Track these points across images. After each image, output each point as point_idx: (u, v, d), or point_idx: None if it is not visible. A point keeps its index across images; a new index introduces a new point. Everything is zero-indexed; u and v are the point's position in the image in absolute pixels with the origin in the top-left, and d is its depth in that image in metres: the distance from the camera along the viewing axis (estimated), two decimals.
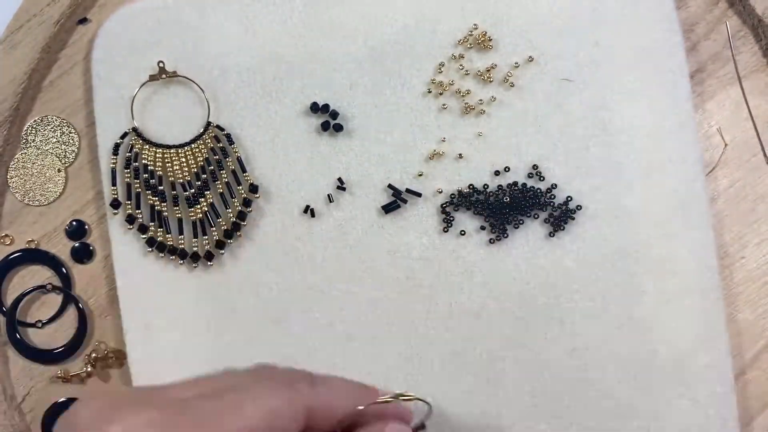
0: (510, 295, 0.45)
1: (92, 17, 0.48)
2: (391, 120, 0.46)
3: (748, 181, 0.46)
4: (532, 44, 0.45)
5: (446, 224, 0.45)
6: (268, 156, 0.46)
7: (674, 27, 0.45)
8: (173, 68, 0.46)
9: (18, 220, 0.47)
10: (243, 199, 0.45)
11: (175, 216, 0.46)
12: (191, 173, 0.45)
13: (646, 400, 0.44)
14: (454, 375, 0.45)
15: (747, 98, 0.46)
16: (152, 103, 0.46)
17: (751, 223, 0.46)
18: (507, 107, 0.45)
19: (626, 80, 0.45)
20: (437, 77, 0.46)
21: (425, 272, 0.45)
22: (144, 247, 0.45)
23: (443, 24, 0.46)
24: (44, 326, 0.47)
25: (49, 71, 0.48)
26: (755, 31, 0.47)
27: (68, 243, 0.47)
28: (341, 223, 0.46)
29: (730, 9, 0.47)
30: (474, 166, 0.45)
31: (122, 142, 0.46)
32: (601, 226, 0.45)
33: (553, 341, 0.44)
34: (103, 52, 0.46)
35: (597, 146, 0.45)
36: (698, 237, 0.44)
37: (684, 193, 0.44)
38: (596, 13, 0.45)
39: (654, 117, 0.45)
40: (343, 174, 0.46)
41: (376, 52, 0.46)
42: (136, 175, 0.45)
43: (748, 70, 0.47)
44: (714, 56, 0.47)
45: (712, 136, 0.47)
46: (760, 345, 0.46)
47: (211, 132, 0.46)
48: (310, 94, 0.46)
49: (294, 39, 0.46)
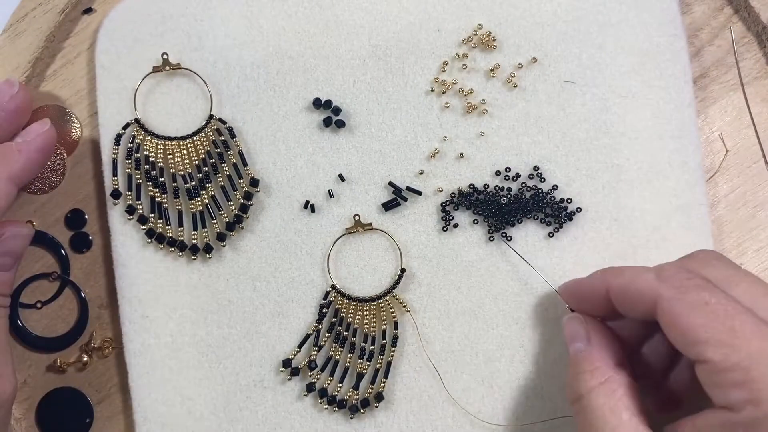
0: (507, 295, 0.45)
1: (97, 7, 0.48)
2: (394, 117, 0.46)
3: (748, 187, 0.46)
4: (536, 46, 0.45)
5: (445, 223, 0.45)
6: (270, 150, 0.46)
7: (678, 32, 0.45)
8: (177, 60, 0.46)
9: (18, 210, 0.47)
10: (244, 193, 0.45)
11: (176, 208, 0.46)
12: (192, 165, 0.45)
13: None
14: (450, 374, 0.45)
15: (749, 105, 0.47)
16: (155, 95, 0.46)
17: (750, 230, 0.46)
18: (509, 108, 0.45)
19: (629, 84, 0.45)
20: (440, 76, 0.46)
21: (423, 270, 0.45)
22: (143, 238, 0.46)
23: (448, 23, 0.46)
24: (43, 307, 0.47)
25: (53, 60, 0.48)
26: (759, 38, 0.47)
27: (68, 232, 0.47)
28: (341, 218, 0.46)
29: (734, 15, 0.47)
30: (475, 165, 0.45)
31: (124, 132, 0.46)
32: (600, 229, 0.45)
33: (550, 342, 0.45)
34: (107, 43, 0.46)
35: (598, 149, 0.45)
36: (697, 242, 0.44)
37: (684, 198, 0.45)
38: (601, 17, 0.45)
39: (656, 121, 0.45)
40: (344, 170, 0.46)
41: (380, 50, 0.46)
42: (137, 166, 0.46)
43: (751, 77, 0.47)
44: (717, 62, 0.47)
45: (713, 142, 0.47)
46: None
47: (213, 125, 0.46)
48: (313, 89, 0.46)
49: (298, 34, 0.46)
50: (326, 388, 0.45)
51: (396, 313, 0.45)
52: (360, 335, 0.45)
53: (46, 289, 0.47)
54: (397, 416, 0.45)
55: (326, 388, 0.45)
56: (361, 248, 0.46)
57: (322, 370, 0.45)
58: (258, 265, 0.46)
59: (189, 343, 0.45)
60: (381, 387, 0.44)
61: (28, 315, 0.47)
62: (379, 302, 0.45)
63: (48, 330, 0.47)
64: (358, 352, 0.45)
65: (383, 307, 0.45)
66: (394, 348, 0.44)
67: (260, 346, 0.45)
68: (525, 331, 0.45)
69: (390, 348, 0.44)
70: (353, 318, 0.45)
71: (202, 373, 0.45)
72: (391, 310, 0.45)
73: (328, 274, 0.45)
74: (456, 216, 0.45)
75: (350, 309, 0.45)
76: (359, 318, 0.45)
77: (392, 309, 0.45)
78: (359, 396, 0.44)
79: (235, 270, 0.46)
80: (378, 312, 0.45)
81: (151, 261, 0.46)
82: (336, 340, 0.45)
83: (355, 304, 0.45)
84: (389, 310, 0.45)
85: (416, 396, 0.45)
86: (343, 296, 0.45)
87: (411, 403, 0.45)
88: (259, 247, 0.46)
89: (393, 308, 0.45)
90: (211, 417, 0.45)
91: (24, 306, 0.47)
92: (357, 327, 0.45)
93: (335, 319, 0.45)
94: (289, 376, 0.44)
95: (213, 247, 0.45)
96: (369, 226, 0.45)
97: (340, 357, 0.45)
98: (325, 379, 0.45)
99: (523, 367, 0.45)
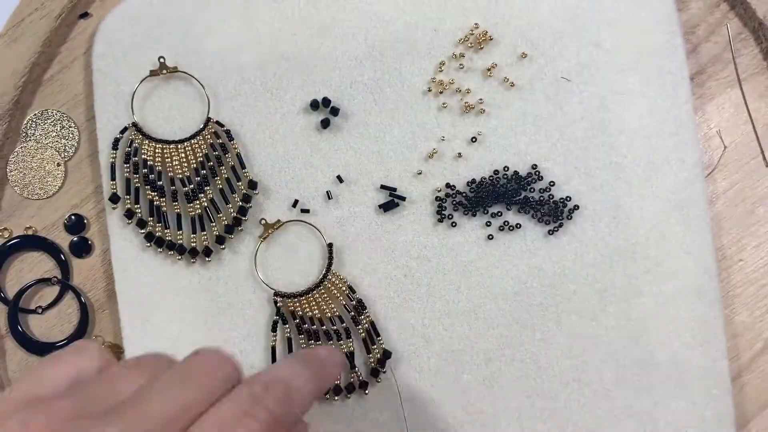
0: (507, 295, 0.45)
1: (93, 12, 0.48)
2: (391, 118, 0.46)
3: (747, 183, 0.46)
4: (533, 44, 0.45)
5: (439, 219, 0.45)
6: (268, 152, 0.46)
7: (675, 29, 0.45)
8: (174, 64, 0.46)
9: (17, 214, 0.47)
10: (243, 195, 0.45)
11: (174, 211, 0.46)
12: (190, 169, 0.45)
13: (642, 401, 0.44)
14: (451, 374, 0.45)
15: (747, 101, 0.46)
16: (152, 99, 0.46)
17: (749, 226, 0.46)
18: (507, 107, 0.45)
19: (626, 81, 0.45)
20: (437, 76, 0.46)
21: (423, 271, 0.45)
22: (143, 241, 0.46)
23: (444, 23, 0.46)
24: (44, 312, 0.47)
25: (50, 65, 0.48)
26: (756, 34, 0.47)
27: (67, 237, 0.47)
28: (340, 220, 0.46)
29: (731, 11, 0.47)
30: (473, 165, 0.45)
31: (122, 136, 0.46)
32: (599, 227, 0.45)
33: (550, 341, 0.45)
34: (103, 47, 0.46)
35: (596, 147, 0.45)
36: (696, 239, 0.44)
37: (683, 195, 0.44)
38: (597, 14, 0.45)
39: (654, 118, 0.45)
40: (342, 172, 0.46)
41: (376, 50, 0.46)
42: (136, 169, 0.46)
43: (748, 73, 0.47)
44: (714, 58, 0.47)
45: (711, 138, 0.47)
46: (757, 347, 0.46)
47: (210, 128, 0.46)
48: (310, 91, 0.46)
49: (295, 36, 0.46)
50: None
51: (345, 288, 0.45)
52: (327, 322, 0.45)
53: (47, 294, 0.47)
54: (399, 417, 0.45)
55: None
56: (286, 246, 0.46)
57: None
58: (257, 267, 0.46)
59: (189, 347, 0.45)
60: (382, 344, 0.44)
61: (29, 320, 0.47)
62: (325, 284, 0.45)
63: (49, 335, 0.47)
64: (336, 336, 0.45)
65: (331, 287, 0.45)
66: (366, 309, 0.45)
67: (261, 349, 0.45)
68: (525, 331, 0.45)
69: (364, 311, 0.44)
70: (310, 311, 0.45)
71: None
72: (340, 287, 0.45)
73: (263, 284, 0.45)
74: (455, 216, 0.45)
75: (303, 304, 0.45)
76: (315, 307, 0.45)
77: (340, 286, 0.45)
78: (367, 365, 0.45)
79: (235, 273, 0.46)
80: (329, 293, 0.45)
81: (150, 265, 0.46)
82: (311, 338, 0.45)
83: (304, 298, 0.45)
84: (338, 287, 0.45)
85: (417, 397, 0.45)
86: (288, 297, 0.45)
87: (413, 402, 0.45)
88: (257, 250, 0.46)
89: (340, 285, 0.45)
90: None
91: (25, 311, 0.47)
92: (319, 316, 0.45)
93: (296, 320, 0.45)
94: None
95: (212, 250, 0.45)
96: (278, 224, 0.45)
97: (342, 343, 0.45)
98: None
99: (525, 366, 0.45)
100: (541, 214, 0.45)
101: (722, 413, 0.44)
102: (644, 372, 0.44)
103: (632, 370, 0.44)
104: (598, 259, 0.45)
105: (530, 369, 0.45)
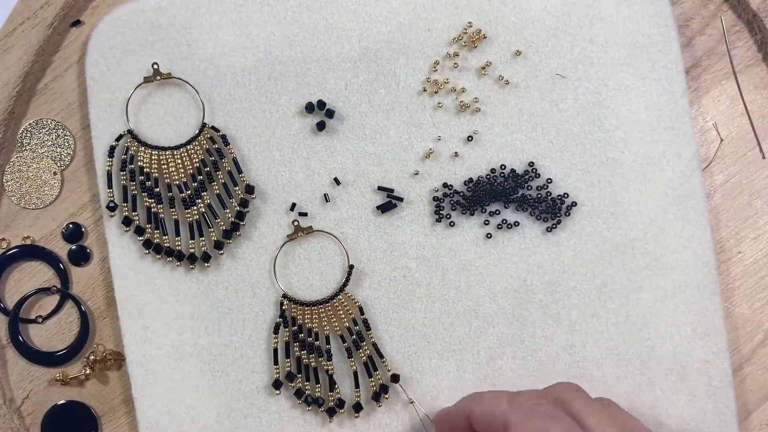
0: (507, 293, 0.45)
1: (85, 19, 0.48)
2: (387, 119, 0.46)
3: (744, 176, 0.46)
4: (527, 41, 0.45)
5: (437, 218, 0.45)
6: (264, 156, 0.46)
7: (669, 23, 0.45)
8: (167, 70, 0.46)
9: (14, 224, 0.47)
10: (240, 200, 0.45)
11: (172, 218, 0.46)
12: (187, 175, 0.45)
13: (643, 395, 0.44)
14: (452, 373, 0.45)
15: (742, 93, 0.46)
16: (147, 105, 0.46)
17: (747, 218, 0.46)
18: (502, 105, 0.45)
19: (621, 76, 0.45)
20: (432, 76, 0.46)
21: (422, 271, 0.45)
22: (141, 249, 0.45)
23: (437, 22, 0.46)
24: (44, 321, 0.47)
25: (44, 74, 0.48)
26: (750, 26, 0.47)
27: (65, 246, 0.47)
28: (338, 222, 0.46)
29: (725, 4, 0.47)
30: (470, 164, 0.45)
31: (117, 144, 0.46)
32: (597, 223, 0.45)
33: (551, 338, 0.45)
34: (97, 55, 0.46)
35: (593, 143, 0.45)
36: (695, 232, 0.44)
37: (680, 189, 0.45)
38: (591, 10, 0.45)
39: (649, 113, 0.45)
40: (339, 174, 0.46)
41: (370, 52, 0.46)
42: (132, 177, 0.45)
43: (743, 65, 0.47)
44: (709, 51, 0.47)
45: (707, 131, 0.47)
46: (757, 339, 0.46)
47: (206, 133, 0.46)
48: (305, 94, 0.46)
49: (288, 39, 0.46)
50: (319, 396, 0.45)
51: (352, 311, 0.45)
52: (322, 338, 0.45)
53: (47, 304, 0.47)
54: (401, 418, 0.45)
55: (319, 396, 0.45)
56: (309, 252, 0.46)
57: (307, 380, 0.45)
58: (256, 271, 0.46)
59: (190, 353, 0.45)
60: (388, 370, 0.44)
61: (29, 330, 0.47)
62: (333, 302, 0.45)
63: (50, 344, 0.47)
64: (338, 354, 0.45)
65: (338, 306, 0.45)
66: (370, 330, 0.45)
67: (262, 352, 0.45)
68: (526, 328, 0.45)
69: (367, 332, 0.44)
70: (311, 323, 0.45)
71: (204, 382, 0.45)
72: (347, 308, 0.45)
73: (277, 283, 0.45)
74: (453, 215, 0.45)
75: (306, 314, 0.45)
76: (317, 321, 0.45)
77: (348, 307, 0.45)
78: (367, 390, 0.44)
79: (234, 277, 0.46)
80: (335, 312, 0.45)
81: (149, 272, 0.46)
82: (304, 348, 0.44)
83: (309, 309, 0.45)
84: (345, 308, 0.45)
85: (417, 398, 0.45)
86: (295, 303, 0.45)
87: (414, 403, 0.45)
88: (256, 254, 0.46)
89: (348, 307, 0.45)
90: (215, 425, 0.45)
91: (25, 321, 0.47)
92: (317, 330, 0.45)
93: (295, 327, 0.45)
94: (277, 391, 0.45)
95: (211, 255, 0.45)
96: (310, 230, 0.45)
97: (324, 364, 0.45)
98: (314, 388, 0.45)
99: (526, 363, 0.45)
100: (539, 211, 0.45)
101: (724, 406, 0.44)
102: (645, 366, 0.44)
103: (633, 364, 0.44)
104: (597, 255, 0.45)
105: (531, 366, 0.45)
